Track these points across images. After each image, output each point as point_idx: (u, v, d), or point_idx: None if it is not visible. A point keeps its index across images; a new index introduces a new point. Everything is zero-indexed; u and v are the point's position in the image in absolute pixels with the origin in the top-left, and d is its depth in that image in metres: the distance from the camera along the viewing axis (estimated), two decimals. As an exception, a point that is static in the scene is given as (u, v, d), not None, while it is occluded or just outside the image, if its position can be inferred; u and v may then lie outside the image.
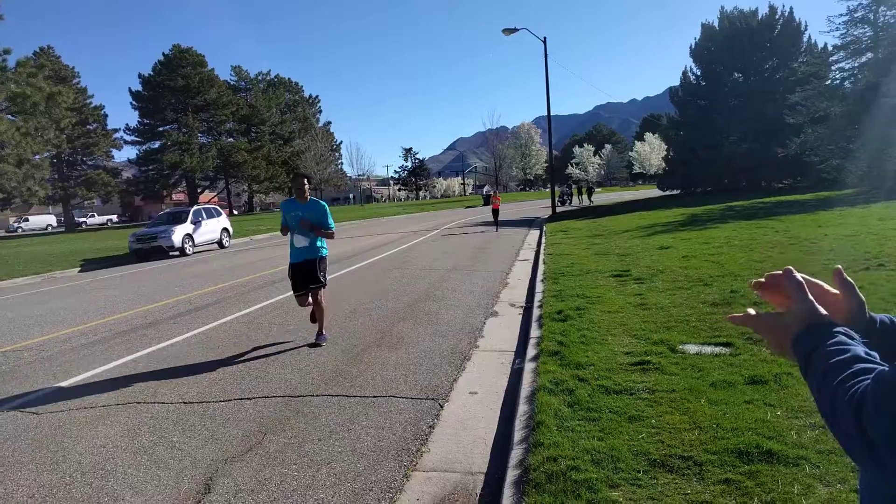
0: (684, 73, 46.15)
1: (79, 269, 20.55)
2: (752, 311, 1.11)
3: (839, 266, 1.03)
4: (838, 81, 33.40)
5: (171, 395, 5.78)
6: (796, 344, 0.99)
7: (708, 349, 5.50)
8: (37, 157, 25.43)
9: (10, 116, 23.22)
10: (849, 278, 1.03)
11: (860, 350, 0.91)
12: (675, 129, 48.35)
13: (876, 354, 0.91)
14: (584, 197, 49.99)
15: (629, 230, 18.43)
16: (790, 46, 40.56)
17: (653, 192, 56.69)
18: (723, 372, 4.82)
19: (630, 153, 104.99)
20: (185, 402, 5.53)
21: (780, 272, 1.07)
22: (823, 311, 1.00)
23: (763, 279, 1.11)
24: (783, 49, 40.58)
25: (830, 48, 34.22)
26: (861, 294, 1.03)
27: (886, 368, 0.83)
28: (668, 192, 48.43)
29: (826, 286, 1.06)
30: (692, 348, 5.59)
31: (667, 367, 5.07)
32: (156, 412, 5.32)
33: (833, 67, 33.89)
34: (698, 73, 45.29)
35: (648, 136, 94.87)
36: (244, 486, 3.84)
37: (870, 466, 0.81)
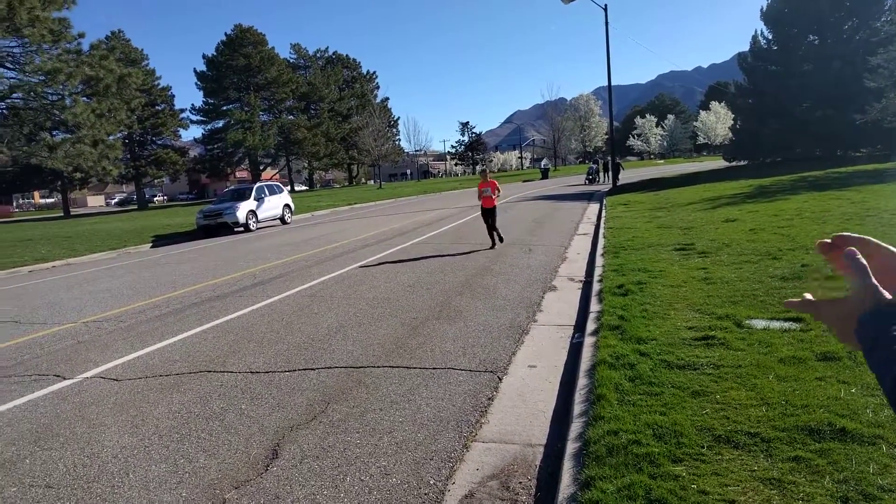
0: (754, 37, 43.89)
1: (150, 244, 21.49)
2: (808, 296, 1.03)
3: None
4: (926, 41, 31.08)
5: (240, 364, 6.01)
6: (860, 330, 0.92)
7: (776, 324, 5.31)
8: (110, 137, 26.63)
9: (84, 98, 24.31)
10: None
11: None
12: (744, 97, 46.15)
13: None
14: (610, 175, 39.81)
15: (693, 203, 17.85)
16: (872, 5, 37.90)
17: (718, 163, 54.59)
18: (792, 348, 4.65)
19: (694, 123, 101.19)
20: (252, 372, 5.75)
21: (851, 241, 0.99)
22: (888, 295, 0.93)
23: (830, 240, 1.03)
24: (864, 8, 37.98)
25: (918, 5, 31.83)
26: None
27: None
28: (734, 163, 46.56)
29: None
30: (759, 323, 5.40)
31: (732, 343, 4.92)
32: (225, 381, 5.55)
33: (920, 26, 31.53)
34: (769, 37, 42.98)
35: (714, 104, 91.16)
36: (309, 453, 3.98)
37: None
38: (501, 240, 13.38)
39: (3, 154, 22.48)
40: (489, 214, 13.35)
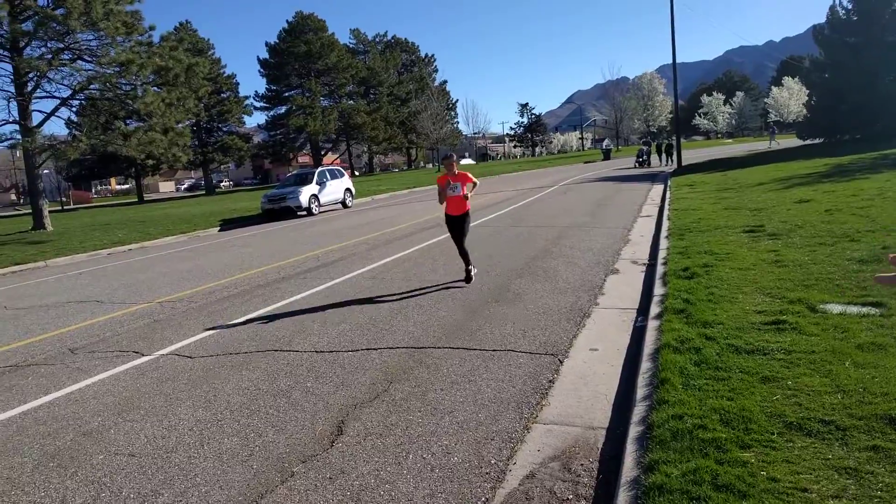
0: (832, 7, 41.44)
1: (218, 228, 22.27)
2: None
3: None
4: None
5: (305, 344, 6.19)
6: None
7: (854, 309, 5.07)
8: (179, 125, 27.59)
9: (155, 88, 25.25)
10: None
11: None
12: (820, 71, 43.73)
13: None
14: (664, 157, 39.95)
15: (763, 183, 17.15)
16: (965, -32, 35.20)
17: (791, 141, 52.11)
18: (871, 333, 4.43)
19: (765, 100, 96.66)
20: (316, 351, 5.91)
21: None
22: None
23: None
24: (956, -28, 35.29)
25: None
26: None
27: None
28: (808, 141, 44.36)
29: None
30: (835, 308, 5.16)
31: (805, 328, 4.73)
32: (291, 359, 5.73)
33: None
34: (848, 7, 40.48)
35: (787, 80, 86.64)
36: (373, 430, 4.07)
37: None
38: (468, 274, 8.27)
39: (83, 143, 23.63)
40: (456, 227, 8.40)
